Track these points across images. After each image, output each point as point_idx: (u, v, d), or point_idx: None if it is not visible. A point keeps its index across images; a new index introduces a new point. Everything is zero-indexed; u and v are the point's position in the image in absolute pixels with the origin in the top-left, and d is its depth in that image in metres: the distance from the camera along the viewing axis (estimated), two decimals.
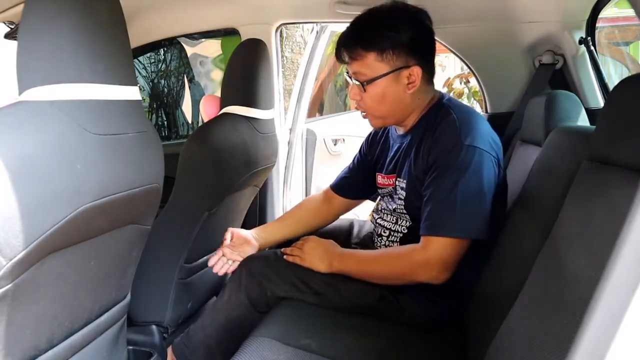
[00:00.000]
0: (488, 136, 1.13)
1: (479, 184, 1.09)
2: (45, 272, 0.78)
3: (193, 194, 1.38)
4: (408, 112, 1.23)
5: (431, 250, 1.10)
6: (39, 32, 0.76)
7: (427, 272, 1.11)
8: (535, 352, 0.68)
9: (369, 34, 1.16)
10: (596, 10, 1.54)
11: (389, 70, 1.16)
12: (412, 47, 1.15)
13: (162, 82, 3.10)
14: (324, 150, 2.46)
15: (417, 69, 1.16)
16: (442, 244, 1.09)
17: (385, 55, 1.15)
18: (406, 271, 1.14)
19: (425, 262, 1.11)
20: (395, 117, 1.24)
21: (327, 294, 1.24)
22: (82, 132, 0.79)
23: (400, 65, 1.16)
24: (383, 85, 1.17)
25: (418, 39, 1.17)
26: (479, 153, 1.10)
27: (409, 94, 1.19)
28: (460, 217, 1.08)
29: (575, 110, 1.31)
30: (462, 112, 1.18)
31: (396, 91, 1.18)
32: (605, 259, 0.35)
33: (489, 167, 1.11)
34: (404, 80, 1.17)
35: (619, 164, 0.71)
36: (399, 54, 1.15)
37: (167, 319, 1.43)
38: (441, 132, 1.15)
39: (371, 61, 1.16)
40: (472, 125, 1.13)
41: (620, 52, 2.64)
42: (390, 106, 1.20)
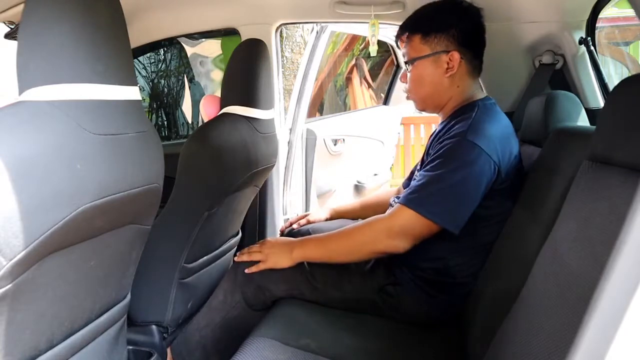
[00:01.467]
0: (496, 140, 1.14)
1: (465, 179, 1.10)
2: (45, 272, 0.78)
3: (193, 194, 1.38)
4: (445, 98, 1.29)
5: (396, 218, 1.13)
6: (39, 32, 0.76)
7: (387, 238, 1.13)
8: (535, 352, 0.68)
9: (418, 19, 1.30)
10: (596, 10, 1.54)
11: (430, 52, 1.26)
12: (454, 34, 1.24)
13: (162, 82, 3.10)
14: (324, 150, 2.46)
15: (456, 54, 1.24)
16: (407, 215, 1.12)
17: (428, 39, 1.26)
18: (367, 239, 1.16)
19: (388, 228, 1.14)
20: (433, 101, 1.31)
21: (325, 289, 1.25)
22: (82, 132, 0.79)
23: (441, 49, 1.25)
24: (424, 67, 1.27)
25: (462, 29, 1.25)
26: (477, 151, 1.10)
27: (447, 78, 1.26)
28: (434, 199, 1.10)
29: (575, 110, 1.31)
30: (483, 113, 1.19)
31: (434, 74, 1.27)
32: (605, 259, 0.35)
33: (482, 167, 1.11)
34: (444, 65, 1.25)
35: (619, 164, 0.71)
36: (441, 39, 1.25)
37: (167, 319, 1.43)
38: (456, 125, 1.19)
39: (416, 43, 1.28)
40: (483, 126, 1.15)
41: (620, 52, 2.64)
42: (428, 88, 1.29)
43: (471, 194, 1.11)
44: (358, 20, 1.89)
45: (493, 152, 1.12)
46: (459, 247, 1.19)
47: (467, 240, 1.18)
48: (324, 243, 1.23)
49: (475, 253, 1.19)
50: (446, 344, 1.16)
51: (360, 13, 1.72)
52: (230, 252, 1.73)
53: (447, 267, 1.19)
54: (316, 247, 1.23)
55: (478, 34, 1.29)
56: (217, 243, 1.63)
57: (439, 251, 1.20)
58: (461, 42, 1.25)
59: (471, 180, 1.10)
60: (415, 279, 1.21)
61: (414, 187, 1.15)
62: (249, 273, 1.26)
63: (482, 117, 1.18)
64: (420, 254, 1.21)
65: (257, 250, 1.28)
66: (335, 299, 1.25)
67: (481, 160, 1.10)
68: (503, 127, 1.19)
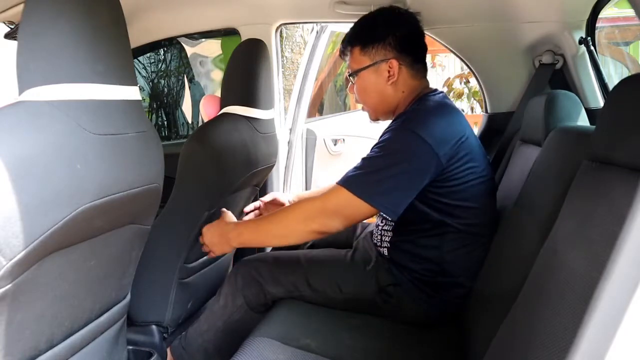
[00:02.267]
0: (434, 128, 1.13)
1: (401, 164, 1.10)
2: (45, 272, 0.78)
3: (193, 194, 1.38)
4: (393, 104, 1.32)
5: (331, 197, 1.13)
6: (39, 32, 0.76)
7: (321, 217, 1.13)
8: (535, 351, 0.68)
9: (355, 31, 1.33)
10: (596, 10, 1.54)
11: (370, 63, 1.29)
12: (391, 43, 1.26)
13: (162, 82, 3.10)
14: (324, 150, 2.47)
15: (394, 62, 1.26)
16: (342, 194, 1.12)
17: (367, 50, 1.29)
18: (301, 218, 1.15)
19: (322, 207, 1.13)
20: (382, 109, 1.35)
21: (326, 291, 1.25)
22: (82, 132, 0.79)
23: (380, 59, 1.28)
24: (366, 77, 1.31)
25: (398, 36, 1.26)
26: (414, 138, 1.11)
27: (390, 86, 1.29)
28: (369, 181, 1.11)
29: (575, 110, 1.31)
30: (427, 105, 1.21)
31: (377, 83, 1.30)
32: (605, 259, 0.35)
33: (419, 154, 1.11)
34: (384, 73, 1.28)
35: (619, 164, 0.71)
36: (378, 49, 1.28)
37: (167, 319, 1.43)
38: (397, 117, 1.22)
39: (356, 55, 1.31)
40: (427, 117, 1.16)
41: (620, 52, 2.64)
42: (374, 97, 1.33)
43: (406, 179, 1.11)
44: None
45: (430, 138, 1.11)
46: (450, 246, 1.19)
47: (456, 237, 1.19)
48: (259, 228, 1.21)
49: (471, 252, 1.19)
50: (446, 344, 1.16)
51: (360, 13, 1.70)
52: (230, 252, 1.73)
53: (441, 267, 1.20)
54: (251, 232, 1.22)
55: (416, 38, 1.30)
56: None
57: (430, 252, 1.20)
58: (399, 49, 1.27)
59: (407, 165, 1.10)
60: (413, 280, 1.21)
61: (351, 169, 1.15)
62: (255, 273, 1.27)
63: (424, 108, 1.20)
64: (413, 256, 1.22)
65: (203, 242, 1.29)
66: (335, 300, 1.25)
67: (417, 146, 1.10)
68: (443, 115, 1.18)
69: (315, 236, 1.16)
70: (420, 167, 1.11)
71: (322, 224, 1.13)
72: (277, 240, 1.21)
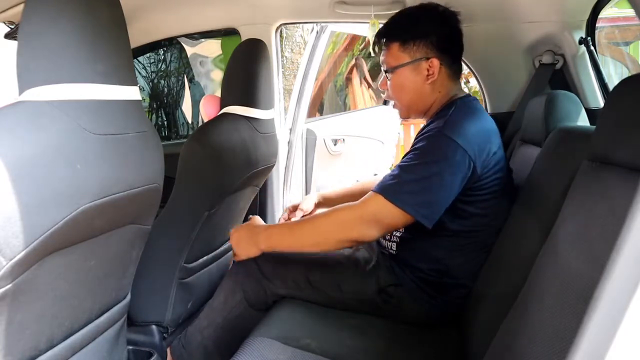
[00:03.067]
0: (473, 136, 1.13)
1: (439, 172, 1.09)
2: (45, 272, 0.78)
3: (193, 194, 1.38)
4: (428, 104, 1.29)
5: (368, 205, 1.12)
6: (39, 32, 0.76)
7: (357, 225, 1.12)
8: (535, 352, 0.68)
9: (395, 26, 1.29)
10: (596, 10, 1.54)
11: (410, 60, 1.25)
12: (433, 41, 1.23)
13: (162, 82, 3.11)
14: (324, 150, 2.46)
15: (435, 61, 1.24)
16: (380, 202, 1.10)
17: (407, 46, 1.25)
18: (338, 227, 1.14)
19: (360, 215, 1.12)
20: (417, 107, 1.31)
21: (326, 289, 1.25)
22: (82, 132, 0.79)
23: (420, 57, 1.24)
24: (404, 75, 1.27)
25: (440, 35, 1.24)
26: (453, 146, 1.10)
27: (428, 85, 1.26)
28: (407, 190, 1.09)
29: (575, 110, 1.31)
30: (462, 109, 1.19)
31: (415, 81, 1.26)
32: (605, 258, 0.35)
33: (457, 161, 1.10)
34: (424, 72, 1.25)
35: (619, 164, 0.71)
36: (419, 46, 1.24)
37: (167, 319, 1.43)
38: (434, 122, 1.20)
39: (395, 51, 1.27)
40: (461, 122, 1.15)
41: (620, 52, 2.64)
42: (410, 95, 1.29)
43: (445, 187, 1.10)
44: (358, 20, 1.89)
45: (468, 147, 1.10)
46: (460, 248, 1.19)
47: (468, 240, 1.19)
48: (292, 231, 1.20)
49: (476, 254, 1.19)
50: (446, 344, 1.16)
51: (360, 13, 1.72)
52: (230, 252, 1.73)
53: (447, 268, 1.19)
54: (283, 236, 1.21)
55: (456, 38, 1.28)
56: (217, 243, 1.63)
57: (440, 252, 1.20)
58: (440, 47, 1.24)
59: (445, 174, 1.09)
60: (416, 280, 1.21)
61: (388, 176, 1.14)
62: (255, 270, 1.26)
63: (459, 113, 1.18)
64: (421, 255, 1.21)
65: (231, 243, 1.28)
66: (336, 300, 1.25)
67: (456, 154, 1.10)
68: (481, 124, 1.18)
69: (350, 245, 1.16)
70: (458, 176, 1.10)
71: (359, 232, 1.12)
72: (310, 246, 1.19)
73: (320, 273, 1.25)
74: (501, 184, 1.18)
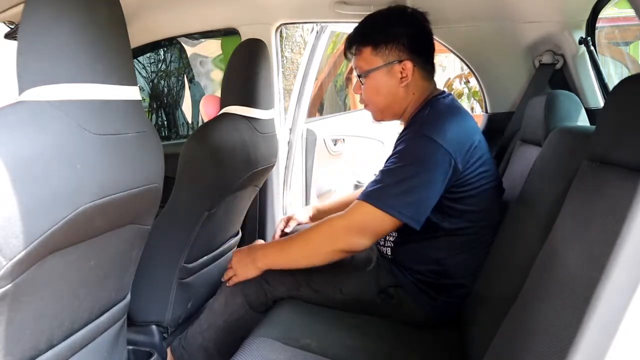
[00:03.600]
0: (451, 134, 1.13)
1: (422, 173, 1.10)
2: (45, 272, 0.78)
3: (193, 194, 1.38)
4: (403, 106, 1.29)
5: (354, 214, 1.12)
6: (39, 32, 0.76)
7: (346, 235, 1.12)
8: (535, 352, 0.68)
9: (366, 31, 1.29)
10: (596, 10, 1.54)
11: (383, 63, 1.25)
12: (404, 43, 1.23)
13: (162, 82, 3.11)
14: (324, 150, 2.46)
15: (409, 63, 1.24)
16: (365, 209, 1.10)
17: (379, 50, 1.25)
18: (326, 238, 1.14)
19: (347, 225, 1.12)
20: (391, 110, 1.31)
21: (326, 291, 1.25)
22: (82, 132, 0.79)
23: (393, 59, 1.24)
24: (377, 78, 1.27)
25: (411, 36, 1.24)
26: (433, 146, 1.10)
27: (402, 87, 1.26)
28: (391, 193, 1.10)
29: (575, 110, 1.31)
30: (440, 109, 1.20)
31: (389, 84, 1.26)
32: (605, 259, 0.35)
33: (438, 161, 1.10)
34: (397, 75, 1.25)
35: (619, 163, 0.71)
36: (392, 49, 1.24)
37: (167, 319, 1.43)
38: (410, 126, 1.20)
39: (367, 55, 1.26)
40: (441, 122, 1.15)
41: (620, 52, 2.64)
42: (385, 98, 1.29)
43: (428, 187, 1.10)
44: (358, 20, 1.88)
45: (448, 145, 1.10)
46: (457, 247, 1.19)
47: (464, 238, 1.19)
48: (284, 249, 1.21)
49: (474, 251, 1.19)
50: (446, 344, 1.16)
51: (360, 13, 1.71)
52: (230, 252, 1.73)
53: (446, 269, 1.19)
54: (277, 254, 1.22)
55: (426, 38, 1.28)
56: (217, 243, 1.63)
57: (437, 253, 1.20)
58: (411, 49, 1.24)
59: (427, 174, 1.10)
60: (416, 281, 1.21)
61: (371, 182, 1.14)
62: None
63: (435, 112, 1.18)
64: (418, 257, 1.21)
65: (230, 266, 1.29)
66: (336, 300, 1.25)
67: (436, 153, 1.10)
68: (457, 121, 1.18)
69: (341, 255, 1.15)
70: (440, 174, 1.10)
71: (348, 242, 1.12)
72: (303, 260, 1.19)
73: (320, 275, 1.25)
74: (487, 177, 1.18)
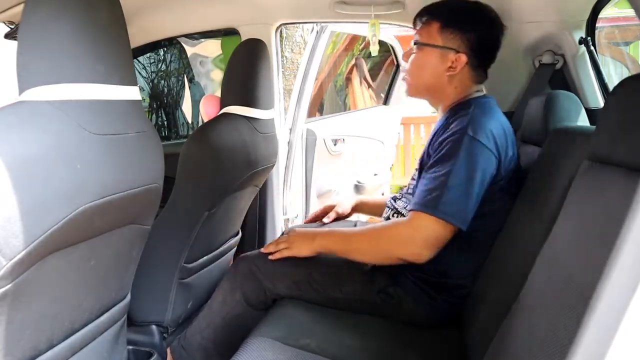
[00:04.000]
0: (496, 136, 1.14)
1: (472, 176, 1.10)
2: (45, 272, 0.78)
3: (193, 194, 1.38)
4: (440, 94, 1.29)
5: (416, 226, 1.12)
6: (39, 32, 0.76)
7: (410, 247, 1.12)
8: (535, 352, 0.68)
9: (444, 8, 1.27)
10: (596, 10, 1.54)
11: (441, 45, 1.24)
12: (470, 38, 1.23)
13: (162, 82, 3.11)
14: (324, 150, 2.46)
15: (463, 57, 1.23)
16: (427, 221, 1.10)
17: (444, 31, 1.24)
18: (391, 246, 1.15)
19: (410, 237, 1.12)
20: (427, 92, 1.31)
21: (326, 290, 1.25)
22: (82, 132, 0.79)
23: (451, 47, 1.24)
24: (428, 55, 1.26)
25: (479, 36, 1.24)
26: (480, 147, 1.11)
27: (447, 76, 1.25)
28: (448, 200, 1.09)
29: (575, 110, 1.31)
30: (481, 109, 1.19)
31: (436, 67, 1.26)
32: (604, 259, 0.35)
33: (486, 163, 1.11)
34: (448, 62, 1.24)
35: (619, 163, 0.71)
36: (456, 37, 1.23)
37: (167, 319, 1.43)
38: (454, 122, 1.18)
39: (432, 30, 1.25)
40: (483, 122, 1.15)
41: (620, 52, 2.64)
42: (425, 77, 1.28)
43: (477, 189, 1.11)
44: (358, 20, 1.89)
45: (494, 148, 1.12)
46: (459, 248, 1.19)
47: (467, 240, 1.18)
48: (349, 239, 1.21)
49: (476, 253, 1.19)
50: (446, 344, 1.16)
51: (360, 13, 1.72)
52: (230, 252, 1.73)
53: (447, 268, 1.19)
54: (339, 241, 1.22)
55: (492, 47, 1.28)
56: (217, 243, 1.63)
57: (440, 252, 1.19)
58: (473, 47, 1.24)
59: (478, 177, 1.10)
60: (416, 281, 1.21)
61: (424, 190, 1.13)
62: (254, 270, 1.26)
63: (480, 113, 1.18)
64: None
65: (284, 240, 1.28)
66: (336, 300, 1.25)
67: (484, 155, 1.11)
68: (501, 124, 1.19)
69: (399, 262, 1.15)
70: (487, 177, 1.12)
71: (412, 253, 1.12)
72: (362, 256, 1.20)
73: (320, 273, 1.25)
74: (510, 183, 1.19)
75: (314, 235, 1.24)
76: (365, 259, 1.21)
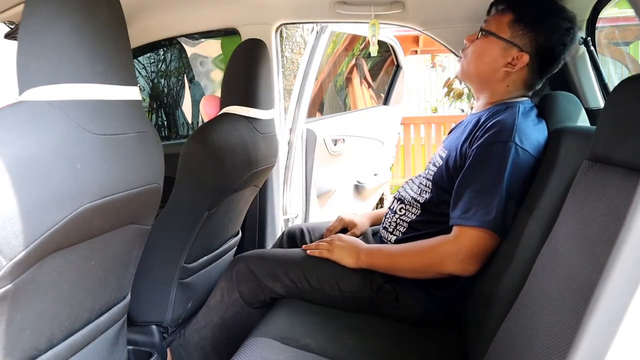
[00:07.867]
0: (540, 146, 1.14)
1: (517, 186, 1.10)
2: (45, 272, 0.78)
3: (193, 194, 1.38)
4: (491, 87, 1.27)
5: (462, 241, 1.10)
6: (39, 32, 0.76)
7: (456, 263, 1.11)
8: (535, 352, 0.68)
9: (524, 3, 1.22)
10: (596, 10, 1.54)
11: (507, 38, 1.21)
12: (539, 41, 1.19)
13: (162, 82, 3.11)
14: (324, 150, 2.46)
15: (526, 57, 1.20)
16: (473, 234, 1.09)
17: (515, 25, 1.20)
18: (435, 261, 1.14)
19: (455, 253, 1.11)
20: (478, 80, 1.28)
21: (324, 289, 1.25)
22: (82, 132, 0.79)
23: (517, 43, 1.20)
24: (491, 45, 1.23)
25: (548, 42, 1.20)
26: (527, 156, 1.10)
27: (503, 71, 1.23)
28: (491, 211, 1.08)
29: (575, 110, 1.31)
30: (525, 118, 1.18)
31: (495, 59, 1.23)
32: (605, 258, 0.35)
33: (528, 173, 1.11)
34: (508, 58, 1.21)
35: (619, 164, 0.71)
36: (524, 35, 1.20)
37: (167, 319, 1.43)
38: (497, 124, 1.15)
39: (504, 20, 1.22)
40: (529, 131, 1.14)
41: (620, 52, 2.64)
42: (480, 66, 1.26)
43: (518, 197, 1.11)
44: (358, 20, 1.89)
45: (539, 156, 1.12)
46: None
47: None
48: (394, 258, 1.21)
49: None
50: (446, 343, 1.16)
51: (360, 13, 1.72)
52: (230, 252, 1.73)
53: None
54: (384, 258, 1.21)
55: (558, 58, 1.25)
56: (217, 243, 1.63)
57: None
58: (539, 51, 1.21)
59: (519, 186, 1.10)
60: (415, 279, 1.21)
61: (470, 202, 1.10)
62: (251, 269, 1.27)
63: (523, 121, 1.16)
64: None
65: (327, 242, 1.28)
66: (334, 298, 1.25)
67: (529, 164, 1.11)
68: (543, 134, 1.18)
69: (445, 276, 1.15)
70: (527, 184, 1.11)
71: (457, 269, 1.11)
72: (407, 273, 1.19)
73: (317, 272, 1.25)
74: None
75: (360, 250, 1.23)
76: (409, 276, 1.20)
